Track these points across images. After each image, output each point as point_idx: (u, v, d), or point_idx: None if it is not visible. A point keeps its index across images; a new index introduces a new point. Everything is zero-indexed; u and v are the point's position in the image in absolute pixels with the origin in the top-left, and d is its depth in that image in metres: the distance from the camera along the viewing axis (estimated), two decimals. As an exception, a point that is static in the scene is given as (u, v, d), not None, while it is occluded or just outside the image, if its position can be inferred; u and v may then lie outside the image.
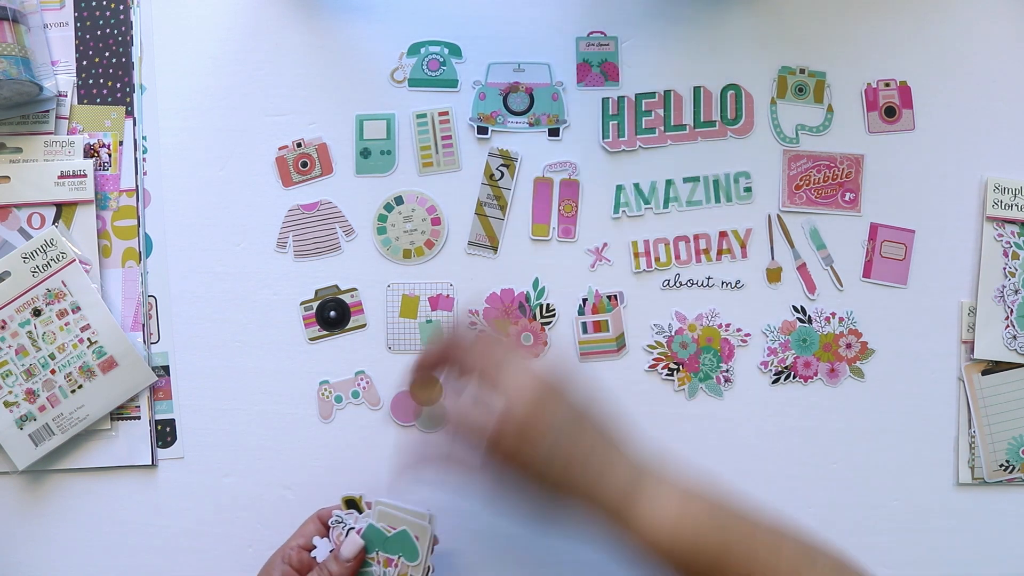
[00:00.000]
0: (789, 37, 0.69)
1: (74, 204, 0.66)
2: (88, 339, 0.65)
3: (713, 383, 0.68)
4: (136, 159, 0.67)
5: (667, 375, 0.68)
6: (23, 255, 0.64)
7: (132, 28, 0.67)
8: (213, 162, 0.68)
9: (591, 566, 0.66)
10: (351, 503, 0.61)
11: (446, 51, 0.68)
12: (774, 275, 0.69)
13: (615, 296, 0.68)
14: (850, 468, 0.68)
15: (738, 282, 0.68)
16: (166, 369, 0.67)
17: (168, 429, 0.67)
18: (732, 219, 0.68)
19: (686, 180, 0.68)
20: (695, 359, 0.68)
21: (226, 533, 0.67)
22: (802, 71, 0.69)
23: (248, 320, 0.67)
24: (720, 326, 0.68)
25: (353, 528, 0.59)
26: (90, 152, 0.66)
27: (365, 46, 0.68)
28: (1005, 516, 0.68)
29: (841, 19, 0.69)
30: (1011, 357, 0.68)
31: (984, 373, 0.68)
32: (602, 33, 0.68)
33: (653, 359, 0.68)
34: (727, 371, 0.68)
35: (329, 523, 0.60)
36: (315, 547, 0.59)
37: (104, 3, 0.67)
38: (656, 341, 0.68)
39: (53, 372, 0.64)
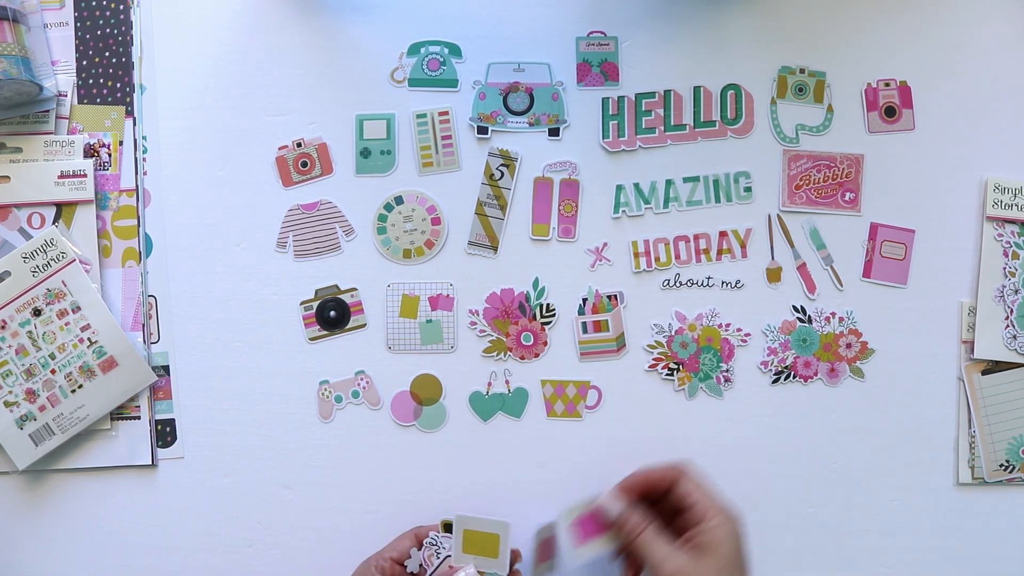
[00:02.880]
0: (789, 37, 0.69)
1: (74, 204, 0.66)
2: (88, 339, 0.65)
3: (713, 383, 0.68)
4: (136, 159, 0.67)
5: (667, 375, 0.68)
6: (23, 255, 0.64)
7: (132, 28, 0.67)
8: (213, 162, 0.68)
9: None
10: (448, 527, 0.62)
11: (446, 51, 0.68)
12: (774, 275, 0.69)
13: (615, 296, 0.68)
14: (850, 468, 0.68)
15: (738, 282, 0.68)
16: (166, 369, 0.67)
17: (168, 429, 0.67)
18: (732, 219, 0.68)
19: (686, 180, 0.68)
20: (695, 359, 0.68)
21: (226, 533, 0.67)
22: (802, 71, 0.69)
23: (248, 320, 0.67)
24: (720, 326, 0.68)
25: (446, 551, 0.61)
26: (90, 152, 0.66)
27: (365, 46, 0.68)
28: (1005, 516, 0.68)
29: (841, 19, 0.69)
30: (1011, 357, 0.68)
31: (984, 373, 0.68)
32: (602, 33, 0.68)
33: (653, 359, 0.68)
34: (727, 371, 0.68)
35: (424, 543, 0.61)
36: (410, 557, 0.61)
37: (104, 3, 0.67)
38: (656, 341, 0.68)
39: (53, 372, 0.64)
